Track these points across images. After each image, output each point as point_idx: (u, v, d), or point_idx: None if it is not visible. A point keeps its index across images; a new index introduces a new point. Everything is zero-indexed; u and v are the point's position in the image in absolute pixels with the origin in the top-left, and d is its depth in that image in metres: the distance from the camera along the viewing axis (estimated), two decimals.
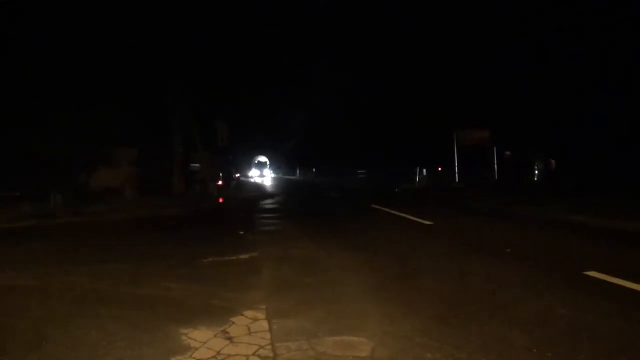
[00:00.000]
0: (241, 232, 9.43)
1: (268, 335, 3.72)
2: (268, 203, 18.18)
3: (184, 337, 3.71)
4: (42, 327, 4.05)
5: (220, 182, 26.28)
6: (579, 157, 17.17)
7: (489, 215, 11.27)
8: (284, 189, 31.45)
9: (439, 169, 23.12)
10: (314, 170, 58.40)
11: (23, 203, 15.55)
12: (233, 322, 4.03)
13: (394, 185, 24.75)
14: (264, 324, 3.98)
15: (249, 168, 67.60)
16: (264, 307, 4.44)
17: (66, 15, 18.33)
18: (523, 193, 17.20)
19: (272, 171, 70.16)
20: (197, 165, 26.93)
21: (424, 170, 22.86)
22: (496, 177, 21.54)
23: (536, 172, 19.41)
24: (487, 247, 7.23)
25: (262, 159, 72.09)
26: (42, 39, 18.04)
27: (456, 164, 21.70)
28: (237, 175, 44.63)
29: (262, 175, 63.55)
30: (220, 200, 19.96)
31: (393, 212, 12.20)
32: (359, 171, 45.67)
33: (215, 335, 3.75)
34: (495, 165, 21.40)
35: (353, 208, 14.95)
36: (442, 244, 7.64)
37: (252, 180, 50.23)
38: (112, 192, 18.86)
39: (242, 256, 6.93)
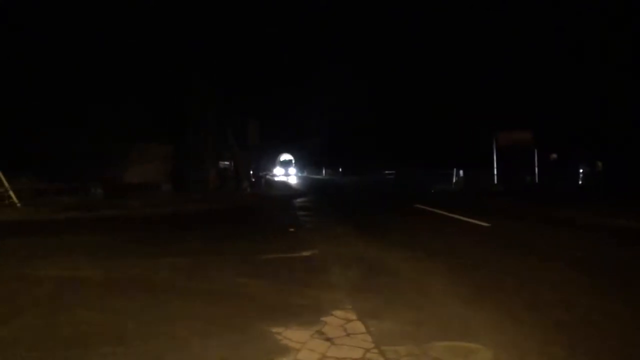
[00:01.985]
0: (291, 230, 9.23)
1: (369, 338, 3.48)
2: (303, 201, 17.97)
3: (279, 337, 3.49)
4: (125, 321, 3.88)
5: (253, 180, 26.26)
6: (629, 160, 16.49)
7: (540, 219, 10.78)
8: (313, 188, 31.23)
9: (476, 170, 22.57)
10: (340, 169, 58.11)
11: (65, 196, 15.73)
12: (325, 322, 3.79)
13: (427, 186, 24.31)
14: (359, 326, 3.73)
15: (274, 166, 67.40)
16: (350, 307, 4.19)
17: (101, 13, 18.48)
18: (567, 197, 16.65)
19: (297, 170, 69.74)
20: (226, 163, 26.98)
21: (461, 172, 22.34)
22: (537, 180, 20.91)
23: (581, 175, 18.77)
24: (558, 253, 6.85)
25: (287, 157, 71.53)
26: (80, 38, 18.22)
27: (495, 166, 21.13)
28: (263, 173, 44.70)
29: (287, 174, 63.23)
30: (251, 197, 19.87)
31: (442, 212, 11.85)
32: (386, 172, 45.24)
33: (312, 336, 3.52)
34: (536, 168, 20.76)
35: (395, 208, 14.60)
36: (509, 247, 7.29)
37: (276, 178, 49.98)
38: (147, 187, 18.96)
39: (304, 253, 6.72)
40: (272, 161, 68.86)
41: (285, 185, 34.25)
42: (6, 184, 14.84)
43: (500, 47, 22.03)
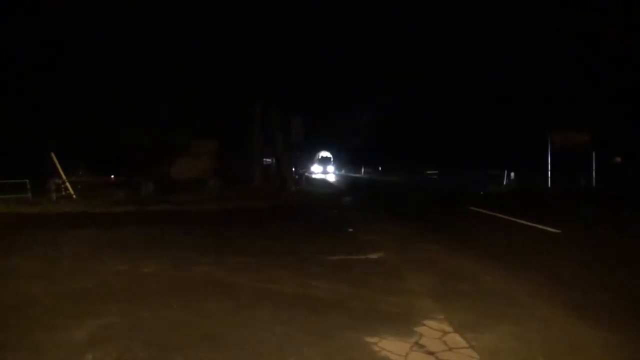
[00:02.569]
0: (350, 230, 9.01)
1: (474, 354, 3.21)
2: (351, 201, 17.74)
3: (376, 348, 3.27)
4: (209, 323, 3.75)
5: (297, 177, 26.22)
6: None
7: (607, 225, 10.14)
8: (355, 186, 30.96)
9: (528, 172, 21.74)
10: (379, 168, 57.57)
11: (118, 189, 16.05)
12: (421, 334, 3.55)
13: (474, 187, 23.59)
14: (458, 339, 3.46)
15: (312, 163, 67.03)
16: (442, 317, 3.93)
17: (146, 9, 18.71)
18: (625, 202, 15.76)
19: (335, 168, 69.28)
20: (268, 160, 27.04)
21: (512, 174, 21.55)
22: (593, 183, 19.93)
23: None
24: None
25: (326, 154, 70.97)
26: (128, 36, 18.53)
27: (549, 169, 20.27)
28: (303, 170, 44.67)
29: (325, 172, 62.88)
30: (299, 195, 19.77)
31: (501, 216, 11.35)
32: (429, 172, 44.43)
33: (411, 349, 3.28)
34: (594, 172, 19.78)
35: (449, 210, 14.14)
36: (586, 255, 6.82)
37: (314, 176, 49.70)
38: (194, 182, 19.16)
39: (371, 256, 6.48)
40: (311, 158, 68.65)
41: (326, 183, 34.11)
42: (63, 176, 15.28)
43: (557, 45, 21.12)
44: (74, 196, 14.97)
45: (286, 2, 20.83)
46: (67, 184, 15.26)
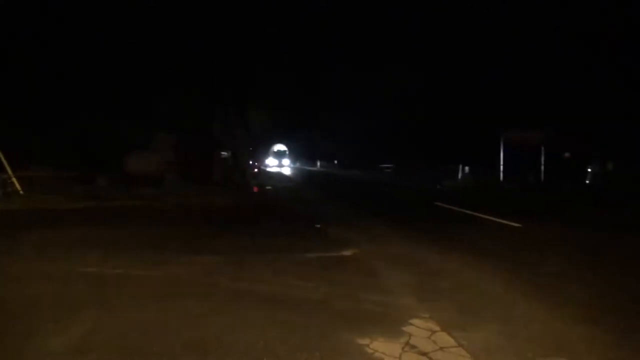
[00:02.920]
0: (318, 226, 8.98)
1: (464, 352, 3.27)
2: (312, 195, 17.75)
3: (369, 350, 3.27)
4: (191, 327, 3.63)
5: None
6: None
7: (560, 219, 10.67)
8: (313, 180, 31.01)
9: (481, 167, 22.48)
10: (335, 162, 57.92)
11: (74, 184, 15.33)
12: (410, 334, 3.58)
13: (430, 181, 24.18)
14: (447, 338, 3.52)
15: (266, 157, 66.28)
16: (427, 315, 3.98)
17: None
18: (573, 196, 16.62)
19: (291, 161, 69.03)
20: (224, 153, 26.59)
21: (467, 168, 22.22)
22: (542, 178, 20.86)
23: (589, 174, 18.73)
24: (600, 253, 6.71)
25: (282, 147, 70.43)
26: (82, 31, 17.70)
27: (501, 164, 21.04)
28: (257, 163, 44.23)
29: (280, 165, 62.49)
30: (256, 189, 19.57)
31: (465, 211, 11.66)
32: (384, 165, 45.12)
33: (403, 349, 3.30)
34: (542, 167, 20.71)
35: (414, 204, 14.42)
36: (551, 248, 7.13)
37: (268, 169, 49.22)
38: (152, 176, 18.55)
39: (345, 253, 6.48)
40: (266, 152, 67.88)
41: (283, 177, 33.98)
42: (9, 170, 14.39)
43: (511, 44, 21.87)
44: (21, 192, 14.12)
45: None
46: (14, 179, 14.38)
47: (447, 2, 27.24)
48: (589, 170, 18.75)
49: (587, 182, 18.81)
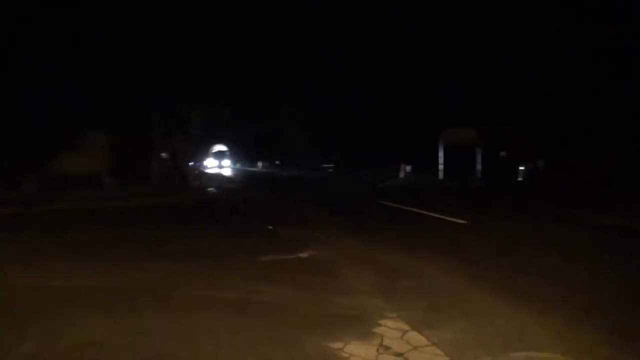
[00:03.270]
0: (270, 227, 8.83)
1: (438, 351, 3.27)
2: (257, 195, 17.52)
3: (345, 354, 3.19)
4: (151, 343, 3.40)
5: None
6: (569, 159, 17.63)
7: (501, 214, 11.18)
8: (256, 181, 30.63)
9: (422, 166, 23.17)
10: (276, 162, 57.59)
11: None
12: (382, 335, 3.54)
13: (371, 180, 24.60)
14: (419, 337, 3.52)
15: (206, 157, 64.45)
16: (394, 315, 3.97)
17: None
18: (508, 192, 17.49)
19: (231, 162, 67.66)
20: (164, 154, 25.68)
21: (407, 167, 22.81)
22: (478, 176, 21.81)
23: (521, 172, 19.80)
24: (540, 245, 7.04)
25: (222, 148, 68.81)
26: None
27: (441, 163, 21.78)
28: (198, 164, 43.03)
29: (220, 166, 61.04)
30: (203, 191, 19.06)
31: (411, 209, 11.91)
32: (326, 165, 45.43)
33: (378, 351, 3.25)
34: (479, 165, 21.66)
35: (360, 203, 14.54)
36: (498, 242, 7.41)
37: (207, 170, 47.78)
38: (86, 178, 17.53)
39: (301, 255, 6.39)
40: (205, 152, 65.96)
41: (225, 178, 33.32)
42: None
43: (451, 45, 22.65)
44: None
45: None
46: None
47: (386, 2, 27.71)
48: (521, 168, 19.83)
49: (520, 179, 19.87)
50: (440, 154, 21.70)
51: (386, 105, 29.04)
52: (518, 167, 19.85)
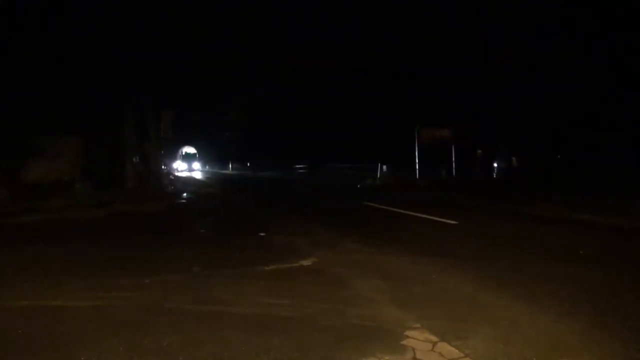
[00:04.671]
0: (262, 234, 8.66)
1: None
2: (237, 200, 17.23)
3: None
4: None
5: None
6: (541, 157, 18.13)
7: (488, 214, 11.34)
8: (232, 184, 30.24)
9: (398, 165, 23.33)
10: (248, 164, 57.05)
11: None
12: (413, 348, 3.47)
13: (350, 181, 24.64)
14: (450, 348, 3.47)
15: (175, 160, 62.95)
16: (418, 325, 3.92)
17: None
18: (485, 189, 17.81)
19: (201, 164, 66.45)
20: (136, 158, 25.02)
21: (384, 167, 22.94)
22: (453, 174, 22.13)
23: (495, 170, 20.21)
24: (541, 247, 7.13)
25: (191, 150, 67.35)
26: None
27: (417, 162, 21.99)
28: (168, 167, 42.04)
29: (191, 169, 59.82)
30: (180, 196, 18.63)
31: (399, 210, 11.92)
32: (299, 166, 45.33)
33: None
34: (454, 163, 21.98)
35: (345, 206, 14.48)
36: (495, 243, 7.47)
37: (177, 173, 46.50)
38: (56, 185, 16.87)
39: (304, 263, 6.26)
40: (174, 155, 64.48)
41: (199, 181, 32.70)
42: None
43: (425, 45, 22.87)
44: None
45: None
46: None
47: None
48: (495, 165, 20.24)
49: (495, 176, 20.27)
50: (416, 152, 21.87)
51: (359, 104, 29.14)
52: (493, 165, 20.25)
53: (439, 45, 22.16)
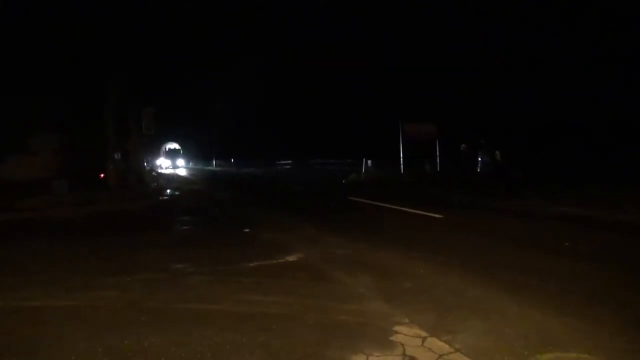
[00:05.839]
0: (247, 230, 8.54)
1: (464, 358, 3.17)
2: (222, 196, 17.01)
3: None
4: None
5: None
6: (525, 150, 18.28)
7: (472, 207, 11.36)
8: (216, 180, 29.94)
9: (382, 160, 23.33)
10: (232, 160, 56.56)
11: None
12: (402, 343, 3.40)
13: (332, 176, 24.58)
14: (440, 344, 3.40)
15: (158, 157, 61.91)
16: (407, 320, 3.85)
17: None
18: (471, 185, 17.86)
19: (185, 161, 65.56)
20: (117, 155, 24.61)
21: (369, 162, 22.89)
22: (438, 168, 22.16)
23: (480, 164, 20.28)
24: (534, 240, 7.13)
25: (174, 146, 66.29)
26: None
27: (401, 157, 21.97)
28: (151, 165, 41.46)
29: (175, 166, 58.98)
30: (163, 193, 18.35)
31: (383, 205, 11.89)
32: (282, 162, 45.02)
33: None
34: (438, 158, 22.01)
35: (329, 201, 14.40)
36: (483, 237, 7.46)
37: (161, 170, 45.81)
38: (35, 184, 16.44)
39: (289, 259, 6.16)
40: (157, 151, 63.49)
41: (183, 178, 32.33)
42: None
43: (408, 40, 22.87)
44: None
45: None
46: None
47: None
48: (480, 159, 20.29)
49: (478, 170, 20.31)
50: (401, 148, 21.86)
51: (343, 100, 29.07)
52: (477, 159, 20.30)
53: (422, 41, 22.20)
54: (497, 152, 20.36)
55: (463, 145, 19.01)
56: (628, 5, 16.65)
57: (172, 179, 28.50)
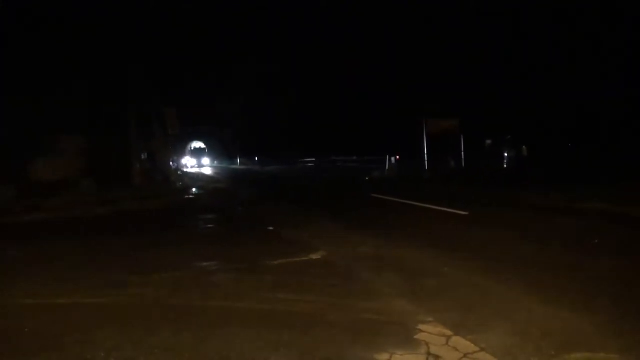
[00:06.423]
0: (270, 228, 8.59)
1: (488, 357, 3.13)
2: (246, 195, 17.16)
3: None
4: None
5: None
6: (552, 146, 17.89)
7: (498, 204, 11.16)
8: (241, 179, 30.22)
9: (406, 157, 23.17)
10: (256, 159, 56.96)
11: None
12: (426, 342, 3.37)
13: (356, 174, 24.51)
14: (465, 342, 3.36)
15: (183, 156, 62.63)
16: (431, 319, 3.81)
17: None
18: (497, 181, 17.59)
19: (210, 160, 66.23)
20: (144, 154, 25.07)
21: (393, 159, 22.76)
22: (463, 165, 21.91)
23: (505, 160, 19.99)
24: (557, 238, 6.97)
25: (200, 145, 67.08)
26: None
27: (425, 153, 21.78)
28: (177, 164, 42.07)
29: (200, 165, 59.71)
30: (189, 192, 18.60)
31: (408, 202, 11.79)
32: (305, 159, 45.15)
33: None
34: (462, 154, 21.76)
35: (353, 198, 14.38)
36: (508, 234, 7.33)
37: (186, 170, 46.36)
38: (64, 184, 16.90)
39: (313, 257, 6.17)
40: (182, 151, 64.28)
41: (207, 177, 32.71)
42: None
43: (430, 36, 22.65)
44: None
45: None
46: None
47: None
48: (506, 155, 20.00)
49: (505, 166, 20.04)
50: (424, 144, 21.67)
51: (365, 98, 28.95)
52: (503, 155, 20.03)
53: (446, 36, 21.92)
54: (524, 147, 20.09)
55: (488, 141, 18.77)
56: None
57: (197, 178, 28.86)
